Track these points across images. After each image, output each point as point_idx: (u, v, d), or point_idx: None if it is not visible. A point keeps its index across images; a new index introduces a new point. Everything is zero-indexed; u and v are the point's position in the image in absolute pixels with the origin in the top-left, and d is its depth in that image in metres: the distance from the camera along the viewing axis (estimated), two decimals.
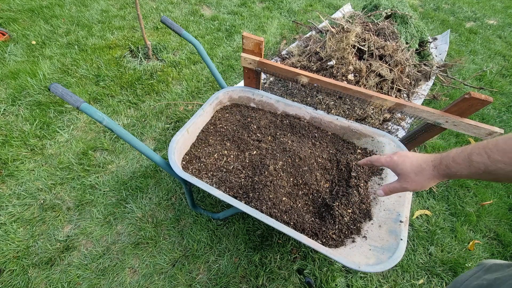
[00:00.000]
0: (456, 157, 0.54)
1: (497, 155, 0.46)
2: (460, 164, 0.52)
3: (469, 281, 0.67)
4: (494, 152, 0.47)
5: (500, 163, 0.46)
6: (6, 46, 2.38)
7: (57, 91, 0.90)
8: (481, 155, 0.48)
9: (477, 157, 0.49)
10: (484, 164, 0.48)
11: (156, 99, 2.16)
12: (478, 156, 0.49)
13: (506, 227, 1.67)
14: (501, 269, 0.62)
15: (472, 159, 0.50)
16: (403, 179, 0.64)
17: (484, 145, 0.49)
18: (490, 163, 0.47)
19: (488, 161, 0.47)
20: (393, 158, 0.67)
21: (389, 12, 2.39)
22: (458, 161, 0.53)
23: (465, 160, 0.51)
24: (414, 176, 0.62)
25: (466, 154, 0.51)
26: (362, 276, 1.41)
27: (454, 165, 0.54)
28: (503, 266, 0.63)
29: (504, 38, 3.34)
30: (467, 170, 0.51)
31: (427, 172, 0.60)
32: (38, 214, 1.52)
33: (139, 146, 1.05)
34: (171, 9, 3.10)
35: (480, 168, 0.49)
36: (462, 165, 0.52)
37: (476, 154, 0.49)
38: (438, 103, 2.28)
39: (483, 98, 1.02)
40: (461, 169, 0.52)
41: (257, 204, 1.12)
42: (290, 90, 2.08)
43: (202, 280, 1.36)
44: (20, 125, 1.88)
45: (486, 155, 0.48)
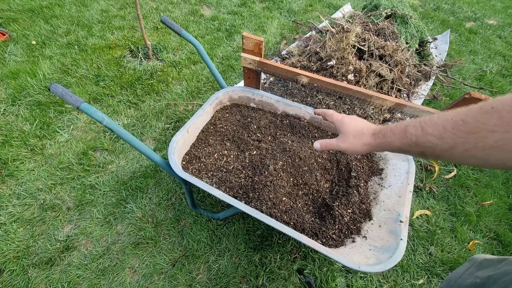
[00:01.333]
0: (394, 127, 0.56)
1: (429, 128, 0.48)
2: (396, 134, 0.54)
3: (462, 279, 0.67)
4: (427, 125, 0.48)
5: (430, 135, 0.47)
6: (6, 46, 2.38)
7: (57, 91, 0.90)
8: (416, 127, 0.50)
9: (412, 128, 0.51)
10: (416, 136, 0.50)
11: (156, 99, 2.16)
12: (413, 128, 0.51)
13: (506, 227, 1.67)
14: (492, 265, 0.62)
15: (407, 130, 0.52)
16: (341, 138, 0.67)
17: (421, 119, 0.51)
18: (422, 135, 0.49)
19: (421, 133, 0.49)
20: (344, 118, 0.69)
21: (389, 12, 2.39)
22: (395, 131, 0.55)
23: (401, 131, 0.53)
24: (352, 138, 0.64)
25: (404, 125, 0.54)
26: (362, 276, 1.41)
27: (390, 135, 0.56)
28: (494, 261, 0.63)
29: (504, 38, 3.34)
30: (400, 141, 0.53)
31: (364, 137, 0.62)
32: (38, 214, 1.52)
33: (139, 146, 1.05)
34: (171, 9, 3.10)
35: (412, 139, 0.50)
36: (397, 135, 0.54)
37: (412, 126, 0.51)
38: (438, 103, 2.28)
39: (483, 98, 1.02)
40: (395, 139, 0.54)
41: (257, 204, 1.12)
42: (290, 90, 2.08)
43: (202, 280, 1.36)
44: (20, 125, 1.88)
45: (420, 127, 0.49)
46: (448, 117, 0.45)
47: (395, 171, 1.22)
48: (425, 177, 1.83)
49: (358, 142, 0.63)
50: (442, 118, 0.46)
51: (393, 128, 0.56)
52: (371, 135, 0.61)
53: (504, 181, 1.91)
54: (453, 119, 0.44)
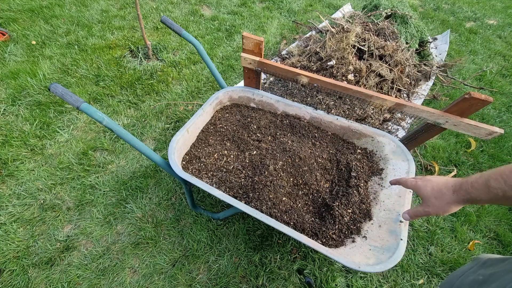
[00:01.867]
0: (475, 182, 0.55)
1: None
2: (479, 189, 0.54)
3: (465, 276, 0.67)
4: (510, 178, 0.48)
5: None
6: (6, 46, 2.38)
7: (57, 91, 0.90)
8: (498, 180, 0.50)
9: (494, 182, 0.50)
10: (501, 190, 0.49)
11: (156, 99, 2.16)
12: (495, 182, 0.50)
13: (506, 227, 1.67)
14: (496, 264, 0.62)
15: (490, 184, 0.51)
16: (425, 203, 0.66)
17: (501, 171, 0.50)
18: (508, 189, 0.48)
19: (505, 187, 0.48)
20: (418, 182, 0.69)
21: (389, 12, 2.39)
22: (477, 187, 0.54)
23: (483, 185, 0.53)
24: (435, 200, 0.63)
25: (484, 179, 0.53)
26: (362, 276, 1.41)
27: (473, 191, 0.55)
28: (498, 260, 0.63)
29: (504, 38, 3.34)
30: (486, 196, 0.53)
31: (447, 197, 0.61)
32: (38, 214, 1.52)
33: (139, 146, 1.05)
34: (171, 9, 3.10)
35: (498, 194, 0.50)
36: (480, 191, 0.53)
37: (493, 180, 0.51)
38: (438, 103, 2.28)
39: (483, 98, 1.02)
40: (480, 194, 0.53)
41: (257, 204, 1.12)
42: (290, 90, 2.08)
43: (202, 280, 1.36)
44: (20, 125, 1.88)
45: (502, 181, 0.49)
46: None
47: (395, 171, 1.22)
48: None
49: (443, 204, 0.62)
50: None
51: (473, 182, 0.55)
52: (452, 193, 0.60)
53: None
54: None
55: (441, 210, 0.63)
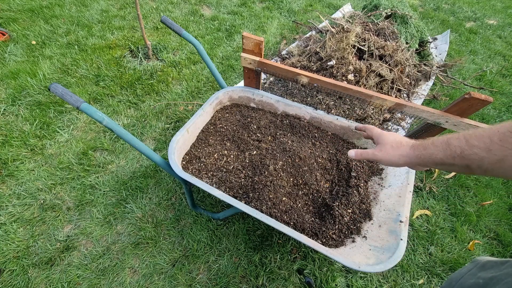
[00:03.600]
0: (435, 140, 0.55)
1: (475, 140, 0.47)
2: (438, 146, 0.53)
3: (464, 279, 0.67)
4: (472, 137, 0.48)
5: (475, 147, 0.46)
6: (6, 46, 2.38)
7: (57, 91, 0.90)
8: (460, 139, 0.50)
9: (455, 141, 0.50)
10: (460, 148, 0.49)
11: (156, 99, 2.16)
12: (457, 140, 0.50)
13: (506, 227, 1.67)
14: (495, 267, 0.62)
15: (450, 142, 0.51)
16: (378, 148, 0.66)
17: (464, 132, 0.51)
18: (466, 147, 0.48)
19: (465, 145, 0.48)
20: (383, 131, 0.68)
21: (389, 12, 2.39)
22: (436, 144, 0.54)
23: (443, 142, 0.52)
24: (390, 148, 0.63)
25: (446, 138, 0.53)
26: (362, 276, 1.41)
27: (432, 147, 0.55)
28: (497, 263, 0.63)
29: (504, 38, 3.34)
30: (442, 153, 0.52)
31: (403, 149, 0.61)
32: (38, 214, 1.52)
33: (139, 146, 1.05)
34: (171, 9, 3.10)
35: (456, 151, 0.50)
36: (439, 147, 0.53)
37: (455, 139, 0.51)
38: (438, 103, 2.28)
39: (483, 98, 1.02)
40: (437, 151, 0.53)
41: (257, 204, 1.12)
42: (290, 90, 2.08)
43: (202, 280, 1.36)
44: (20, 125, 1.88)
45: (464, 140, 0.49)
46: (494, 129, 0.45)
47: (395, 171, 1.22)
48: (425, 177, 1.83)
49: (396, 153, 0.61)
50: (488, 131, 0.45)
51: (434, 140, 0.55)
52: (410, 147, 0.60)
53: (504, 181, 1.91)
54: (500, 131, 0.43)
55: (390, 160, 0.62)
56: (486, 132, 0.46)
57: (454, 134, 0.52)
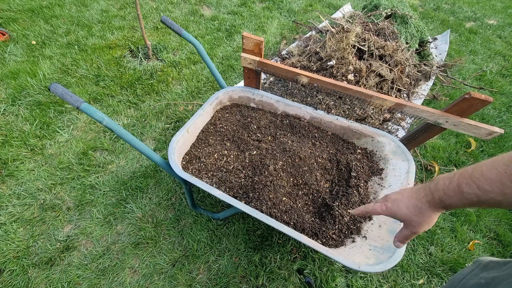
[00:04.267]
0: (446, 189, 0.52)
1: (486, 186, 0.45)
2: (452, 196, 0.51)
3: (466, 280, 0.67)
4: (482, 182, 0.45)
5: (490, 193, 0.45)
6: (6, 46, 2.38)
7: (57, 91, 0.90)
8: (470, 185, 0.47)
9: (467, 188, 0.48)
10: (476, 195, 0.47)
11: (156, 99, 2.16)
12: (468, 187, 0.48)
13: (506, 227, 1.67)
14: (498, 267, 0.62)
15: (463, 190, 0.48)
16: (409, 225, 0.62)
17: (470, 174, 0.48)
18: (481, 194, 0.46)
19: (479, 191, 0.46)
20: (388, 206, 0.64)
21: (389, 12, 2.39)
22: (450, 194, 0.51)
23: (456, 192, 0.50)
24: (416, 218, 0.59)
25: (455, 185, 0.50)
26: (362, 276, 1.41)
27: (447, 198, 0.52)
28: (500, 263, 0.63)
29: (504, 38, 3.34)
30: (460, 202, 0.50)
31: (425, 211, 0.58)
32: (38, 214, 1.52)
33: (139, 146, 1.05)
34: (171, 9, 3.10)
35: (473, 199, 0.47)
36: (454, 198, 0.51)
37: (465, 185, 0.48)
38: (438, 103, 2.28)
39: (483, 98, 1.02)
40: (455, 201, 0.51)
41: (257, 204, 1.12)
42: (290, 90, 2.08)
43: (202, 280, 1.36)
44: (20, 125, 1.88)
45: (475, 186, 0.46)
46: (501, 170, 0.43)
47: (395, 171, 1.22)
48: (425, 177, 1.83)
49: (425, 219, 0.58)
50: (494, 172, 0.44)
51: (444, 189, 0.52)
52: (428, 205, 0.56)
53: None
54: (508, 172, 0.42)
55: (427, 225, 0.59)
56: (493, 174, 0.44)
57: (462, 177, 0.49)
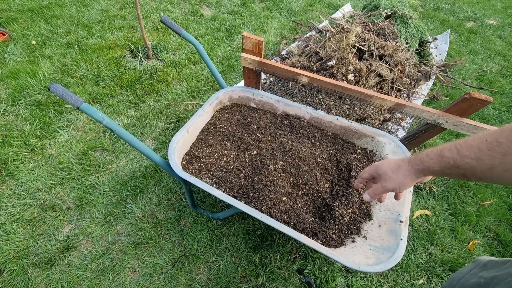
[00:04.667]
0: (430, 152, 0.57)
1: (465, 151, 0.49)
2: (433, 158, 0.55)
3: (465, 279, 0.67)
4: (463, 148, 0.49)
5: (467, 157, 0.48)
6: (6, 46, 2.38)
7: (57, 91, 0.90)
8: (452, 150, 0.51)
9: (448, 152, 0.52)
10: (453, 159, 0.51)
11: (156, 99, 2.16)
12: (449, 151, 0.52)
13: (506, 227, 1.67)
14: (497, 266, 0.62)
15: (444, 154, 0.53)
16: (382, 178, 0.67)
17: (455, 142, 0.52)
18: (459, 158, 0.50)
19: (457, 155, 0.50)
20: (374, 163, 0.70)
21: (389, 12, 2.39)
22: (431, 156, 0.56)
23: (437, 155, 0.54)
24: (392, 173, 0.64)
25: (439, 149, 0.55)
26: (362, 276, 1.41)
27: (427, 160, 0.57)
28: (499, 263, 0.63)
29: (504, 38, 3.34)
30: (438, 165, 0.54)
31: (403, 168, 0.62)
32: (38, 214, 1.52)
33: (139, 146, 1.05)
34: (171, 9, 3.10)
35: (450, 162, 0.51)
36: (434, 160, 0.55)
37: (447, 150, 0.52)
38: (438, 103, 2.28)
39: (483, 98, 1.02)
40: (433, 163, 0.55)
41: (257, 204, 1.12)
42: (290, 90, 2.08)
43: (202, 280, 1.36)
44: (20, 125, 1.88)
45: (455, 150, 0.51)
46: (482, 138, 0.46)
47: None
48: None
49: (400, 176, 0.62)
50: (477, 140, 0.47)
51: (428, 153, 0.57)
52: (408, 164, 0.61)
53: None
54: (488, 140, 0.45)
55: (398, 184, 0.63)
56: (475, 141, 0.47)
57: (447, 144, 0.53)
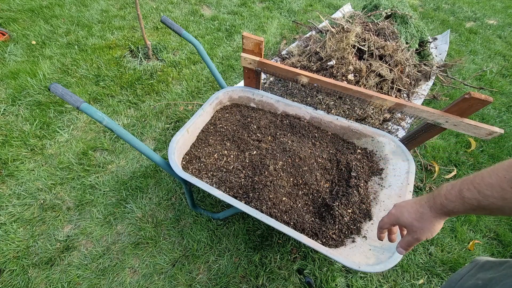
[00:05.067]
0: (448, 194, 0.53)
1: (487, 191, 0.46)
2: (454, 201, 0.52)
3: (464, 280, 0.67)
4: (482, 187, 0.46)
5: (491, 198, 0.45)
6: (6, 46, 2.38)
7: (57, 91, 0.90)
8: (471, 190, 0.48)
9: (468, 193, 0.49)
10: (476, 200, 0.48)
11: (156, 99, 2.16)
12: (469, 192, 0.49)
13: (506, 227, 1.67)
14: (494, 267, 0.62)
15: (464, 195, 0.49)
16: (411, 230, 0.62)
17: (471, 180, 0.49)
18: (482, 199, 0.47)
19: (479, 196, 0.47)
20: (392, 212, 0.65)
21: (389, 12, 2.39)
22: (451, 199, 0.52)
23: (457, 197, 0.51)
24: (417, 223, 0.60)
25: (456, 190, 0.51)
26: (362, 276, 1.41)
27: (448, 203, 0.53)
28: (496, 264, 0.63)
29: (504, 38, 3.34)
30: (462, 207, 0.51)
31: (427, 216, 0.58)
32: (38, 214, 1.52)
33: (139, 146, 1.05)
34: (171, 9, 3.10)
35: (473, 204, 0.48)
36: (456, 203, 0.51)
37: (466, 190, 0.49)
38: (438, 103, 2.28)
39: (483, 98, 1.02)
40: (456, 206, 0.52)
41: (257, 204, 1.12)
42: (290, 90, 2.08)
43: (202, 280, 1.36)
44: (20, 125, 1.88)
45: (476, 191, 0.47)
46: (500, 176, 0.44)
47: (395, 171, 1.22)
48: (425, 177, 1.83)
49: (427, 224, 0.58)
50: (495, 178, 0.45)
51: (446, 194, 0.53)
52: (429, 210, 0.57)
53: None
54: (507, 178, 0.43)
55: (429, 232, 0.59)
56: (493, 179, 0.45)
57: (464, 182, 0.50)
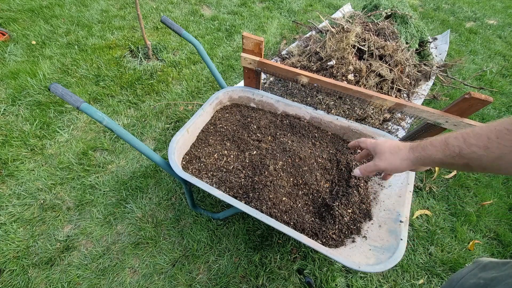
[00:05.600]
0: (433, 140, 0.55)
1: (472, 139, 0.47)
2: (436, 146, 0.54)
3: (465, 279, 0.67)
4: (470, 136, 0.48)
5: (474, 146, 0.47)
6: (6, 46, 2.38)
7: (57, 91, 0.90)
8: (458, 138, 0.50)
9: (453, 140, 0.51)
10: (458, 147, 0.49)
11: (156, 99, 2.16)
12: (455, 139, 0.50)
13: (506, 227, 1.67)
14: (497, 267, 0.62)
15: (449, 142, 0.51)
16: (378, 157, 0.65)
17: (461, 131, 0.51)
18: (465, 146, 0.48)
19: (463, 144, 0.49)
20: (377, 140, 0.68)
21: (389, 12, 2.39)
22: (435, 144, 0.54)
23: (442, 142, 0.53)
24: (389, 155, 0.62)
25: (443, 138, 0.53)
26: (362, 276, 1.41)
27: (430, 147, 0.55)
28: (499, 264, 0.63)
29: (504, 38, 3.34)
30: (441, 153, 0.52)
31: (402, 152, 0.60)
32: (38, 214, 1.52)
33: (139, 146, 1.05)
34: (171, 9, 3.10)
35: (455, 150, 0.50)
36: (438, 147, 0.53)
37: (453, 138, 0.51)
38: (438, 103, 2.28)
39: (483, 98, 1.02)
40: (436, 151, 0.53)
41: (257, 204, 1.12)
42: (290, 90, 2.08)
43: (202, 280, 1.36)
44: (20, 125, 1.88)
45: (462, 139, 0.49)
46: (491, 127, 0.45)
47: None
48: (425, 177, 1.83)
49: (396, 158, 0.61)
50: (485, 129, 0.46)
51: (432, 141, 0.55)
52: (409, 149, 0.59)
53: (504, 181, 1.91)
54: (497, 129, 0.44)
55: (391, 165, 0.61)
56: (483, 130, 0.46)
57: (452, 133, 0.52)
